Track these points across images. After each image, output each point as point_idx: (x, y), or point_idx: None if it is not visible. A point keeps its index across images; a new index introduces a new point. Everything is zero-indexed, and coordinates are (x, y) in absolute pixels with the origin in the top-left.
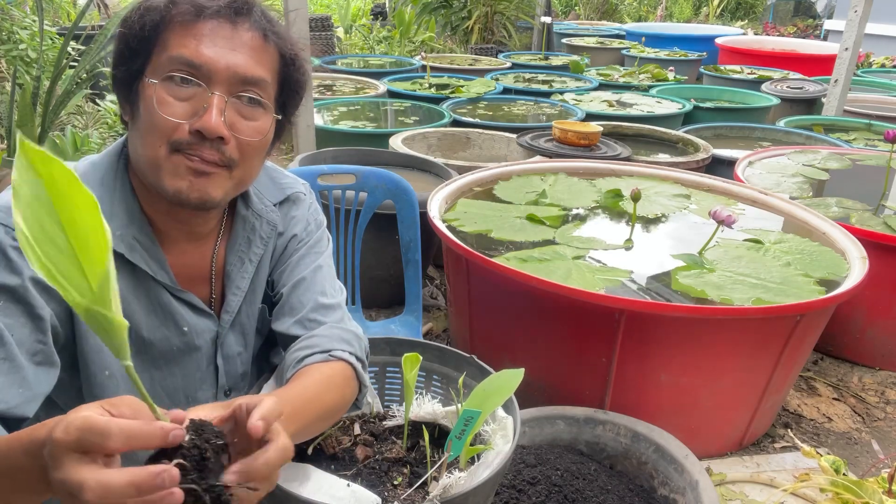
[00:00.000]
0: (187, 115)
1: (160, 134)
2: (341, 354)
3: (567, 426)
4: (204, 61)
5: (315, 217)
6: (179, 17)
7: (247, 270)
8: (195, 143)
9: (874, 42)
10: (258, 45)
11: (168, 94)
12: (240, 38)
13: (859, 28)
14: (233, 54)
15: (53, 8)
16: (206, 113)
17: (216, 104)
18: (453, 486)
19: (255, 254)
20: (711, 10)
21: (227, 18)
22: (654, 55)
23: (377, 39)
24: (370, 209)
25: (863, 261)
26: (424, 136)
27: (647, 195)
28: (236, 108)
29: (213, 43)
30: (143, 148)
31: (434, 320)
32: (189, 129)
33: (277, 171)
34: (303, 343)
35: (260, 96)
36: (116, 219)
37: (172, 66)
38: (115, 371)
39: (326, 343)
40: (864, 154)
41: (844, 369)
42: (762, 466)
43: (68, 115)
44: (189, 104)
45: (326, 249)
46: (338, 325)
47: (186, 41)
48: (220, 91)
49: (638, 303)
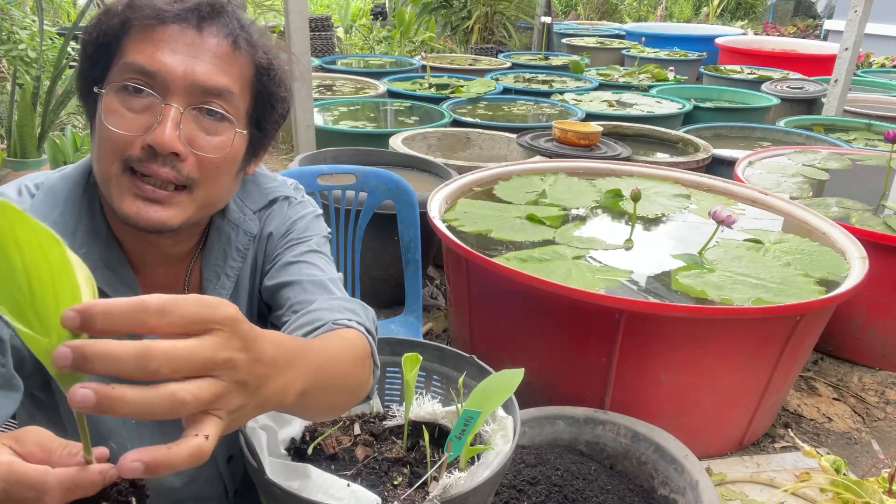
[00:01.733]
0: (140, 128)
1: (111, 149)
2: (348, 324)
3: (567, 426)
4: (158, 68)
5: (298, 211)
6: (138, 22)
7: (224, 286)
8: (147, 161)
9: (874, 42)
10: (225, 52)
11: (121, 105)
12: (203, 44)
13: (859, 28)
14: (193, 61)
15: (53, 8)
16: (158, 126)
17: (171, 116)
18: (453, 486)
19: (232, 267)
20: (711, 10)
21: (190, 23)
22: (654, 55)
23: (377, 39)
24: (370, 209)
25: (863, 261)
26: (424, 136)
27: (647, 195)
28: (196, 121)
29: (173, 50)
30: (97, 163)
31: (434, 320)
32: (141, 145)
33: (265, 177)
34: (299, 321)
35: (223, 109)
36: (80, 236)
37: (125, 74)
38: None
39: (328, 315)
40: (864, 154)
41: (844, 369)
42: (762, 466)
43: (68, 115)
44: (143, 116)
45: (315, 237)
46: (336, 297)
47: (143, 47)
48: (177, 102)
49: (638, 303)
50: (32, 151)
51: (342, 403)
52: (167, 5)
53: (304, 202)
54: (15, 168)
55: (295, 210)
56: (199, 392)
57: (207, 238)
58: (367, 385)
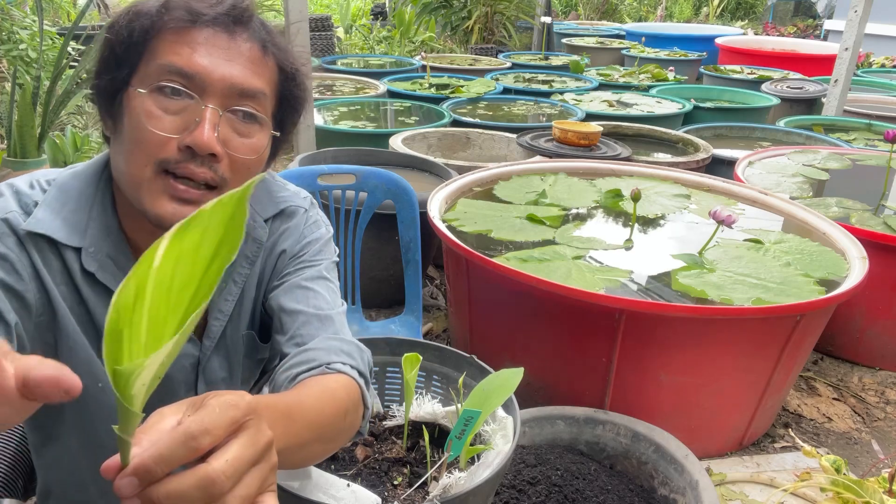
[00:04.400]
0: (177, 129)
1: (147, 150)
2: (341, 367)
3: (567, 426)
4: (197, 71)
5: (313, 231)
6: (172, 24)
7: (230, 292)
8: (184, 162)
9: (874, 42)
10: (256, 56)
11: (157, 107)
12: (237, 48)
13: (859, 28)
14: (229, 65)
15: (53, 8)
16: (197, 127)
17: (209, 118)
18: (453, 486)
19: (240, 274)
20: (711, 10)
21: (223, 27)
22: (654, 55)
23: (377, 39)
24: (370, 209)
25: (863, 261)
26: (424, 136)
27: (647, 195)
28: (231, 123)
29: (209, 52)
30: (126, 165)
31: (434, 320)
32: (178, 146)
33: (277, 185)
34: (295, 359)
35: (256, 111)
36: (90, 234)
37: (163, 75)
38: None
39: (324, 356)
40: (864, 154)
41: (844, 369)
42: (762, 466)
43: (68, 115)
44: (179, 118)
45: (325, 261)
46: (335, 336)
47: (179, 49)
48: (214, 104)
49: (638, 303)
50: (32, 151)
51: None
52: (205, 8)
53: (318, 221)
54: (15, 168)
55: (310, 230)
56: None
57: None
58: (353, 428)
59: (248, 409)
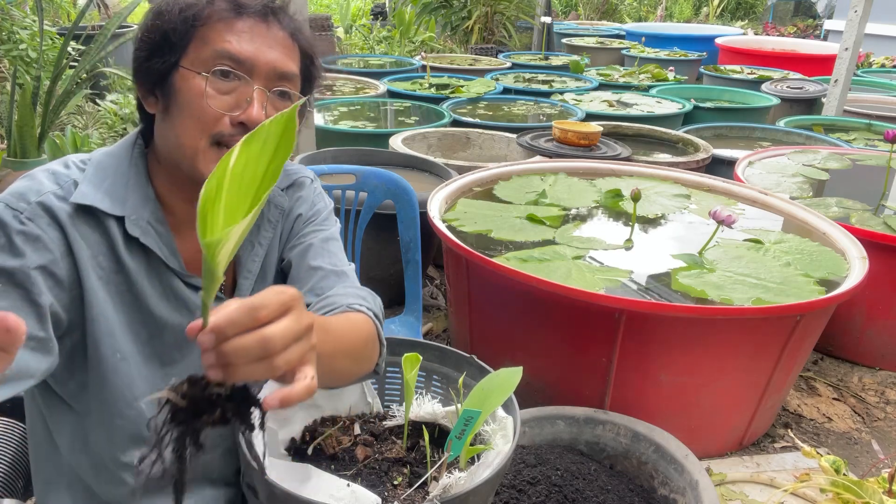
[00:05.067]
0: (230, 107)
1: (203, 125)
2: (359, 308)
3: (567, 426)
4: (247, 56)
5: (321, 199)
6: (218, 15)
7: (257, 254)
8: (238, 135)
9: (874, 42)
10: (289, 43)
11: (212, 87)
12: (274, 35)
13: (859, 28)
14: (270, 51)
15: (53, 8)
16: (250, 106)
17: (258, 98)
18: (453, 486)
19: (265, 237)
20: (711, 10)
21: (261, 18)
22: (654, 55)
23: (377, 39)
24: (370, 209)
25: (863, 261)
26: (424, 136)
27: (647, 195)
28: (272, 101)
29: (252, 40)
30: (180, 137)
31: (434, 320)
32: (232, 122)
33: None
34: (317, 304)
35: (291, 90)
36: (130, 204)
37: (217, 59)
38: (126, 354)
39: (343, 300)
40: (864, 154)
41: (844, 369)
42: (762, 466)
43: (68, 115)
44: (231, 97)
45: (334, 226)
46: (351, 285)
47: (228, 36)
48: (260, 84)
49: (638, 303)
50: (32, 151)
51: (349, 370)
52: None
53: (322, 193)
54: (15, 168)
55: (319, 198)
56: (305, 349)
57: None
58: (372, 359)
59: (295, 295)
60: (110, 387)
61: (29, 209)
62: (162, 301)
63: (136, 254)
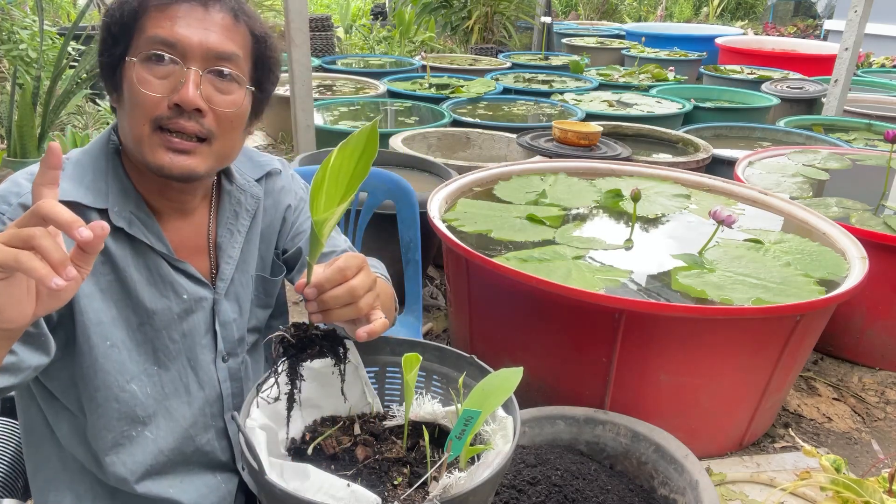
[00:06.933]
0: (166, 90)
1: (143, 111)
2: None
3: (567, 426)
4: (178, 39)
5: (299, 184)
6: (155, 2)
7: (236, 241)
8: (174, 117)
9: (874, 42)
10: (229, 24)
11: (147, 73)
12: (211, 18)
13: (859, 28)
14: (205, 32)
15: (53, 8)
16: (182, 87)
17: (192, 78)
18: (453, 486)
19: (243, 225)
20: (711, 10)
21: (199, 2)
22: (654, 55)
23: (377, 39)
24: (370, 209)
25: (863, 261)
26: (424, 136)
27: (647, 195)
28: (211, 82)
29: (187, 23)
30: (129, 127)
31: (434, 320)
32: (168, 105)
33: (253, 151)
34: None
35: (232, 70)
36: (112, 197)
37: (150, 45)
38: (117, 341)
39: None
40: (864, 154)
41: (844, 369)
42: (762, 466)
43: (68, 115)
44: (167, 81)
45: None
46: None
47: (162, 22)
48: (196, 66)
49: (638, 303)
50: (32, 151)
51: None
52: None
53: (297, 177)
54: (14, 168)
55: (297, 185)
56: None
57: (220, 201)
58: (394, 313)
59: (364, 258)
60: (103, 374)
61: (10, 210)
62: (149, 287)
63: (121, 244)
